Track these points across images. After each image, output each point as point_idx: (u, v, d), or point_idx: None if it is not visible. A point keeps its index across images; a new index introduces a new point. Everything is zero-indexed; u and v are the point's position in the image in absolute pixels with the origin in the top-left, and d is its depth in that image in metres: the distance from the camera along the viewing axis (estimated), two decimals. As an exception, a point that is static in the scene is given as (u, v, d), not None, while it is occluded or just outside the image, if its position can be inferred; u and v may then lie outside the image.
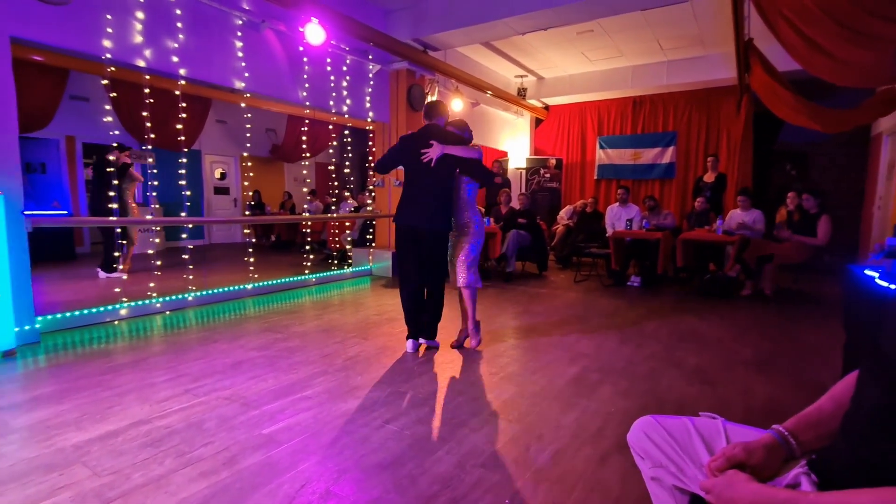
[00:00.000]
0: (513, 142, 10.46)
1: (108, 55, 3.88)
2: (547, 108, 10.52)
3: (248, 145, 6.78)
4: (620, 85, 8.84)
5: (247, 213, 9.92)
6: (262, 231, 10.89)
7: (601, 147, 9.80)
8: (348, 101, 6.22)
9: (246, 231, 9.00)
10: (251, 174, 8.38)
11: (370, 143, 7.34)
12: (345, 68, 6.13)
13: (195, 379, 2.83)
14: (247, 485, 1.80)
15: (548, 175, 9.94)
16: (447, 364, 3.20)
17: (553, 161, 9.92)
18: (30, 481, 1.81)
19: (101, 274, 5.97)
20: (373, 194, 7.53)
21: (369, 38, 5.63)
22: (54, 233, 7.26)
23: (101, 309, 4.06)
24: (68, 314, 3.87)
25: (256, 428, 2.24)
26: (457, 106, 7.98)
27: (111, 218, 4.92)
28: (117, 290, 4.31)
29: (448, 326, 3.84)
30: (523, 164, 10.33)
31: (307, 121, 6.28)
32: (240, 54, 4.91)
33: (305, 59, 5.61)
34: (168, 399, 2.55)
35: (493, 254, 6.63)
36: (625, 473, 1.92)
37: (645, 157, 9.27)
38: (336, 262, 7.22)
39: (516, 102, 9.37)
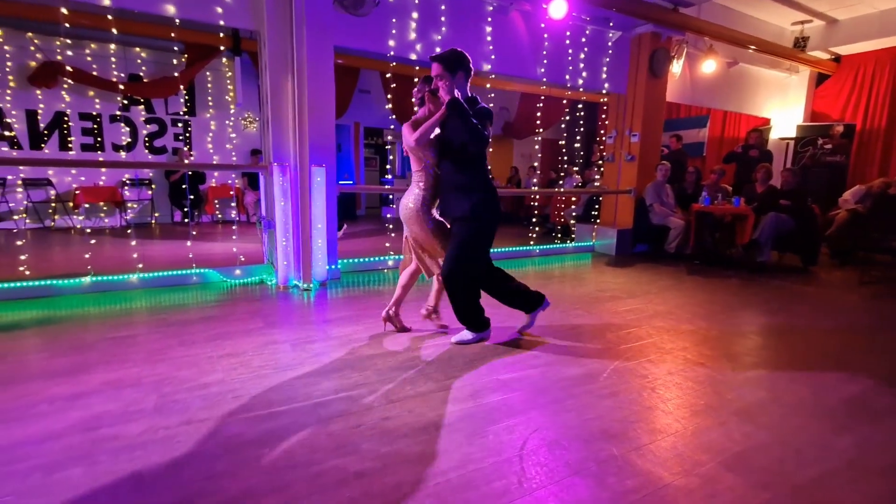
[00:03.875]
0: (780, 106, 8.60)
1: (392, 52, 4.75)
2: (837, 59, 8.25)
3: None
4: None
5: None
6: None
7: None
8: (584, 74, 6.12)
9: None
10: (491, 150, 9.17)
11: (603, 116, 7.09)
12: (583, 40, 6.02)
13: (452, 321, 3.38)
14: (487, 417, 2.12)
15: (829, 146, 7.89)
16: (679, 350, 3.00)
17: (840, 128, 7.80)
18: (341, 374, 2.52)
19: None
20: (601, 169, 7.31)
21: (612, 3, 5.38)
22: (344, 198, 9.44)
23: (376, 259, 5.15)
24: (355, 260, 5.04)
25: (494, 374, 2.58)
26: (708, 67, 6.99)
27: (386, 186, 6.09)
28: (387, 244, 5.37)
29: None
30: (791, 133, 8.43)
31: (542, 97, 6.45)
32: (488, 38, 5.34)
33: (545, 36, 5.73)
34: (425, 335, 3.13)
35: (740, 239, 5.73)
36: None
37: None
38: (559, 236, 7.35)
39: (791, 56, 7.63)
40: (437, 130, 2.84)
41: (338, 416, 2.08)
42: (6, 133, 7.14)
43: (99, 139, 7.78)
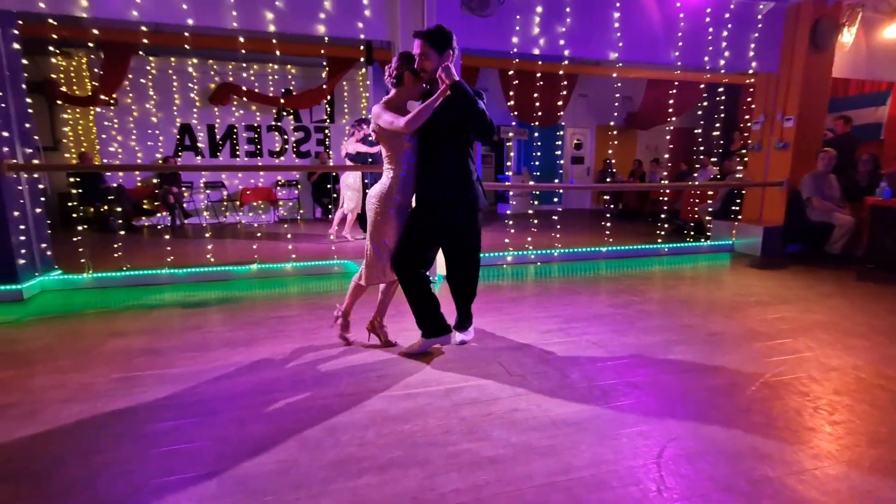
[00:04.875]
0: None
1: (515, 49, 4.78)
2: None
3: (614, 114, 7.03)
4: None
5: (607, 180, 10.40)
6: (612, 199, 11.20)
7: None
8: (726, 54, 5.52)
9: (605, 197, 9.52)
10: (613, 142, 8.73)
11: (748, 99, 6.32)
12: (727, 16, 5.42)
13: (566, 321, 3.35)
14: (619, 419, 2.07)
15: None
16: (850, 368, 2.60)
17: None
18: (469, 364, 2.64)
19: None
20: (744, 159, 6.53)
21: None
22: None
23: (494, 254, 5.26)
24: (474, 255, 5.20)
25: (623, 375, 2.50)
26: (892, 33, 5.83)
27: (507, 184, 6.16)
28: (507, 240, 5.45)
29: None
30: None
31: (676, 83, 5.95)
32: (616, 25, 5.09)
33: (681, 16, 5.28)
34: (549, 331, 3.14)
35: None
36: None
37: None
38: (691, 233, 6.74)
39: None
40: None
41: (469, 402, 2.21)
42: (199, 145, 8.73)
43: (258, 146, 9.08)
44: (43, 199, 4.28)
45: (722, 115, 6.58)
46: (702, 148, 7.15)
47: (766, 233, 5.76)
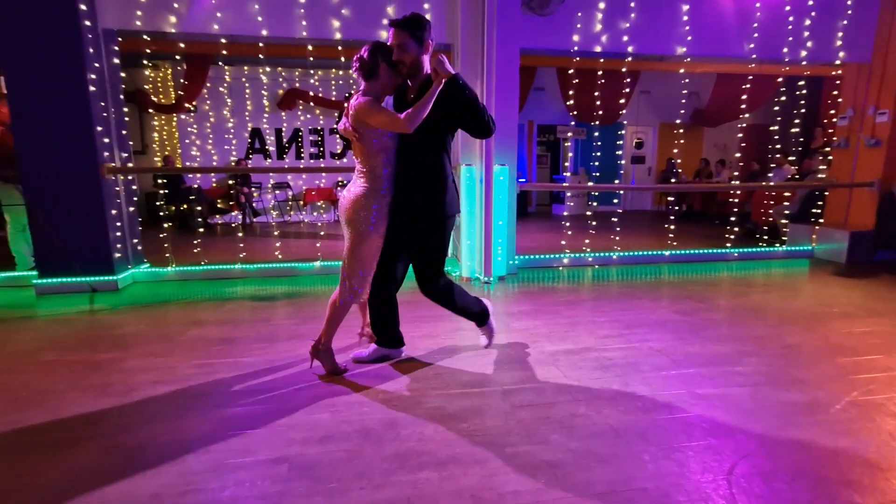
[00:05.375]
0: None
1: (576, 48, 4.69)
2: None
3: (680, 112, 6.71)
4: None
5: (672, 180, 9.96)
6: (676, 200, 10.72)
7: None
8: (808, 45, 5.11)
9: (669, 198, 9.13)
10: (678, 141, 8.34)
11: (834, 93, 5.82)
12: (810, 3, 5.02)
13: (627, 326, 3.25)
14: (684, 431, 1.99)
15: None
16: (952, 391, 2.35)
17: None
18: (526, 367, 2.63)
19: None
20: (828, 158, 6.02)
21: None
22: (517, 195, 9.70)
23: (551, 256, 5.18)
24: (531, 256, 5.15)
25: (689, 385, 2.39)
26: None
27: (559, 183, 6.06)
28: (563, 242, 5.36)
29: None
30: None
31: (749, 77, 5.59)
32: (685, 18, 4.85)
33: (757, 6, 4.95)
34: (608, 337, 3.06)
35: None
36: None
37: None
38: (764, 238, 6.31)
39: None
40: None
41: (527, 405, 2.21)
42: (268, 148, 9.29)
43: (321, 148, 9.51)
44: (135, 198, 4.72)
45: (802, 111, 6.10)
46: (778, 146, 6.65)
47: (853, 238, 5.28)
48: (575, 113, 6.88)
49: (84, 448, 1.89)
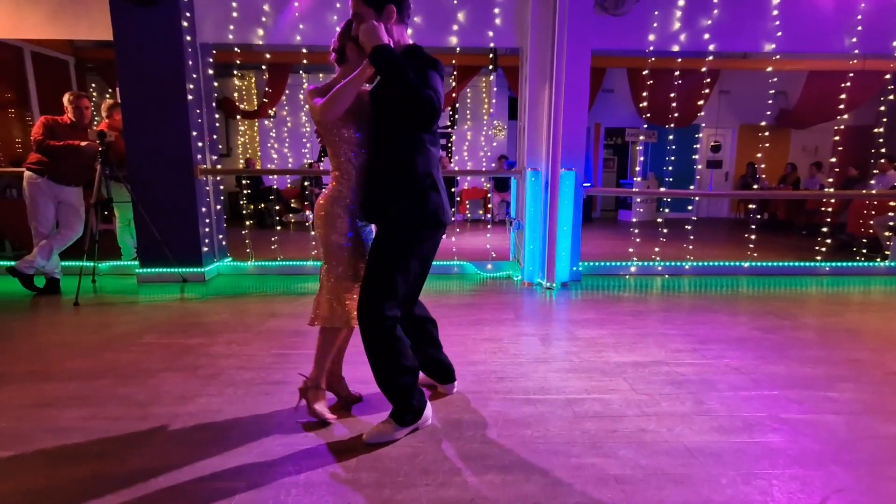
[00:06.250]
0: None
1: (651, 48, 4.51)
2: None
3: (766, 113, 6.24)
4: None
5: (755, 186, 9.29)
6: (757, 207, 9.99)
7: None
8: (925, 37, 4.57)
9: (750, 206, 8.52)
10: (761, 144, 7.77)
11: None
12: (928, -9, 4.49)
13: (702, 341, 3.08)
14: (766, 457, 1.85)
15: None
16: None
17: None
18: (591, 377, 2.57)
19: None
20: (945, 164, 5.34)
21: None
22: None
23: (616, 263, 5.01)
24: (595, 263, 5.01)
25: (771, 408, 2.23)
26: None
27: (626, 188, 5.85)
28: (630, 249, 5.16)
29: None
30: None
31: (850, 74, 5.09)
32: (774, 12, 4.52)
33: (862, -5, 4.51)
34: (680, 351, 2.92)
35: None
36: None
37: None
38: (862, 251, 5.71)
39: None
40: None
41: (592, 416, 2.16)
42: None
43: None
44: (222, 197, 5.13)
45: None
46: (882, 150, 5.98)
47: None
48: (648, 115, 6.60)
49: (179, 422, 2.09)
